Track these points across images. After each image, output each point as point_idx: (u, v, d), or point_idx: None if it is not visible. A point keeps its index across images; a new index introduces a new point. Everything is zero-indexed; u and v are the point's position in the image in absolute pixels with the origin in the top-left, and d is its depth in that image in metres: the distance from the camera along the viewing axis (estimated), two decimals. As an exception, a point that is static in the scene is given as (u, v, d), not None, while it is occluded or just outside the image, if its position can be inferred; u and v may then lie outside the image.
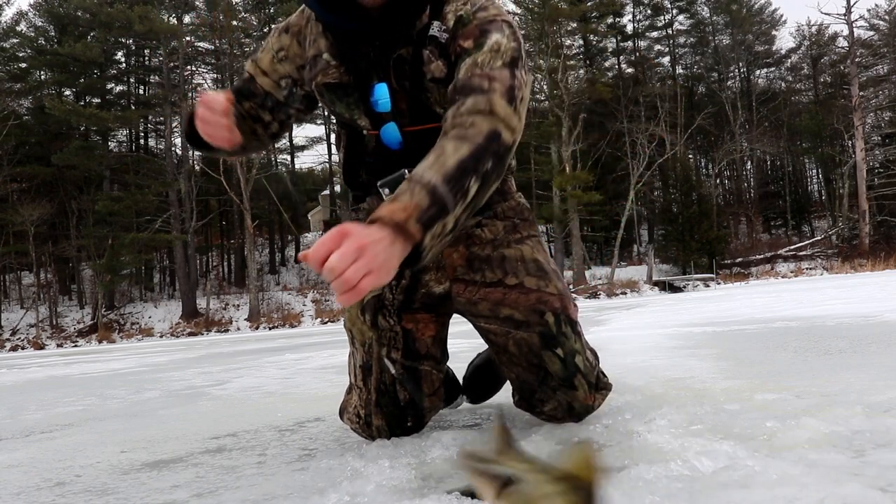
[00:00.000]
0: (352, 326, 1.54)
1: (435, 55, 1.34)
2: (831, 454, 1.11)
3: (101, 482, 1.47)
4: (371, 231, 0.96)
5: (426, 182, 1.05)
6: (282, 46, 1.47)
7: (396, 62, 1.36)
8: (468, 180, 1.09)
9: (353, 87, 1.40)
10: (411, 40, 1.35)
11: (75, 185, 28.93)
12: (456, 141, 1.12)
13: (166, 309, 27.48)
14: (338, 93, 1.41)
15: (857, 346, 2.80)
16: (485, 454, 0.70)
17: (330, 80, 1.41)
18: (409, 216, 1.01)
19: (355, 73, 1.39)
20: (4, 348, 22.44)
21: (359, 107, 1.41)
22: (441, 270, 1.50)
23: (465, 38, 1.29)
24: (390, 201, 1.03)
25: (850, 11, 30.87)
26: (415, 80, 1.36)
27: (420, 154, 1.16)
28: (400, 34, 1.35)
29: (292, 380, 3.53)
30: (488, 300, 1.45)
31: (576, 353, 1.46)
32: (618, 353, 3.37)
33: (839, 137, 34.13)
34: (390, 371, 1.50)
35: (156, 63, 31.96)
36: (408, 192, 1.04)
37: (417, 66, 1.35)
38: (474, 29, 1.29)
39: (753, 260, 28.99)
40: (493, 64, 1.22)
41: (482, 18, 1.30)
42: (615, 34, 37.71)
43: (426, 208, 1.02)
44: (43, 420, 2.72)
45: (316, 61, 1.42)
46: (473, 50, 1.26)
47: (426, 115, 1.39)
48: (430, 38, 1.34)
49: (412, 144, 1.39)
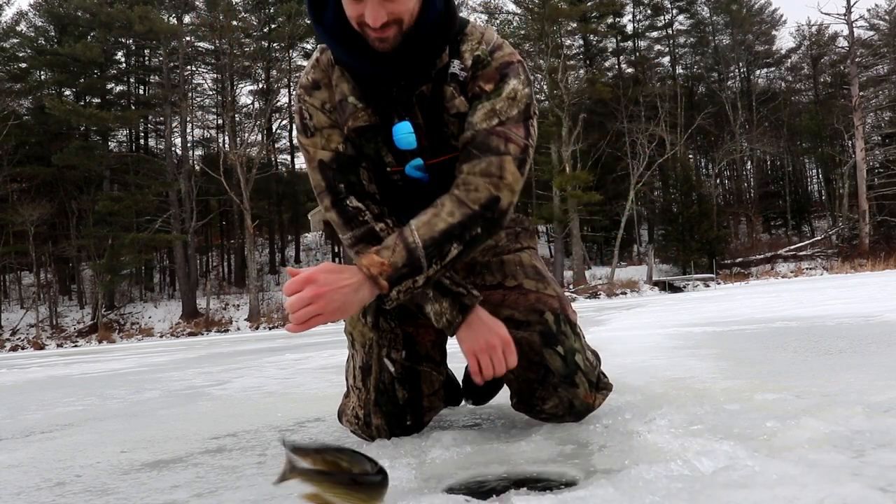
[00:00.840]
0: (352, 329, 1.55)
1: (457, 92, 1.39)
2: (831, 454, 1.11)
3: (101, 482, 1.48)
4: (340, 276, 1.18)
5: (409, 242, 1.24)
6: (323, 101, 1.44)
7: (419, 99, 1.39)
8: (450, 246, 1.27)
9: (380, 127, 1.42)
10: (430, 78, 1.39)
11: (75, 185, 28.93)
12: (454, 203, 1.29)
13: (166, 309, 27.49)
14: (367, 135, 1.43)
15: (857, 346, 2.80)
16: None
17: (361, 124, 1.42)
18: (382, 272, 1.22)
19: (380, 113, 1.41)
20: (4, 348, 22.45)
21: (385, 145, 1.43)
22: None
23: (486, 81, 1.37)
24: (375, 251, 1.23)
25: (850, 11, 30.88)
26: (435, 115, 1.40)
27: (442, 183, 1.36)
28: (421, 73, 1.38)
29: (292, 380, 3.53)
30: (489, 302, 1.47)
31: (576, 352, 1.48)
32: (618, 353, 3.37)
33: (839, 137, 34.14)
34: (390, 370, 1.51)
35: (156, 63, 31.98)
36: (391, 248, 1.24)
37: (438, 102, 1.39)
38: (494, 73, 1.37)
39: (753, 260, 28.99)
40: (510, 113, 1.34)
41: (500, 60, 1.38)
42: (615, 34, 37.72)
43: (400, 268, 1.22)
44: (43, 420, 2.72)
45: (343, 105, 1.42)
46: (492, 94, 1.35)
47: (445, 147, 1.43)
48: (452, 76, 1.39)
49: (435, 176, 1.44)
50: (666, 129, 29.31)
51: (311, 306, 1.15)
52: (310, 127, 1.45)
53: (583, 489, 1.03)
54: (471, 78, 1.38)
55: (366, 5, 1.23)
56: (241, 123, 29.48)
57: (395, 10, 1.25)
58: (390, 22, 1.26)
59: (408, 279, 1.24)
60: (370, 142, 1.43)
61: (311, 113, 1.44)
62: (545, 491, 1.05)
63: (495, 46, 1.40)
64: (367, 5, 1.23)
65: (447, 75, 1.39)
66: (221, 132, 32.20)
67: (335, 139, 1.43)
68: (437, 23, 1.33)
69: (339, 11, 1.31)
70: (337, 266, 1.20)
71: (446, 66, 1.39)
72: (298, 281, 1.16)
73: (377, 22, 1.24)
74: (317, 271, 1.17)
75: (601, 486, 1.02)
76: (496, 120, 1.33)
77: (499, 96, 1.35)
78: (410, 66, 1.35)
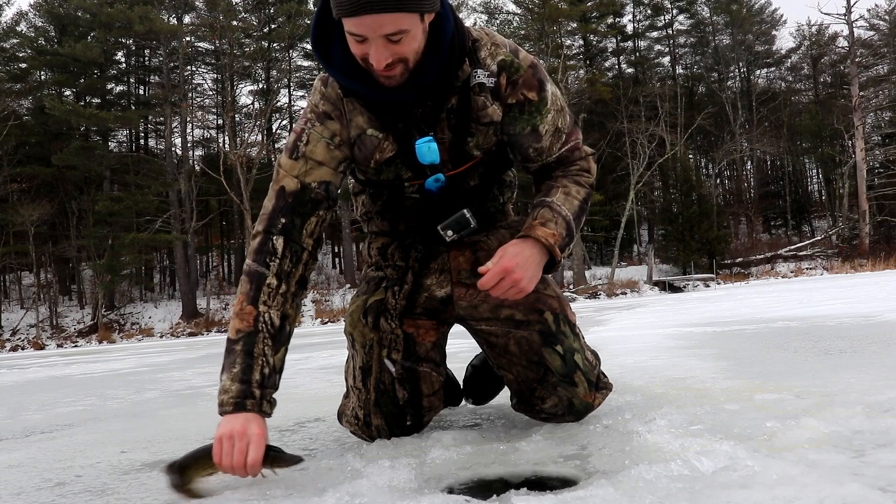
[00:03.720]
0: (352, 330, 1.55)
1: (489, 100, 1.41)
2: (831, 454, 1.11)
3: (101, 482, 1.48)
4: (525, 254, 1.34)
5: (564, 216, 1.41)
6: (333, 132, 1.41)
7: (448, 113, 1.40)
8: (583, 216, 1.48)
9: (402, 151, 1.42)
10: (455, 89, 1.39)
11: (75, 185, 28.91)
12: (576, 185, 1.48)
13: (166, 309, 27.47)
14: (391, 162, 1.44)
15: (857, 346, 2.80)
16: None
17: (388, 156, 1.42)
18: (556, 242, 1.37)
19: (400, 135, 1.41)
20: (5, 348, 22.43)
21: (404, 163, 1.44)
22: (444, 273, 1.53)
23: (527, 89, 1.43)
24: (541, 224, 1.38)
25: (850, 11, 30.86)
26: (462, 126, 1.42)
27: (457, 194, 1.47)
28: (448, 89, 1.38)
29: (292, 380, 3.53)
30: (488, 302, 1.49)
31: (575, 351, 1.49)
32: (618, 353, 3.37)
33: (839, 137, 34.12)
34: (390, 371, 1.51)
35: (156, 63, 31.95)
36: (552, 221, 1.40)
37: (466, 113, 1.40)
38: (531, 79, 1.43)
39: (753, 260, 28.98)
40: (566, 122, 1.49)
41: (527, 62, 1.43)
42: (615, 34, 37.70)
43: (564, 236, 1.40)
44: (43, 420, 2.72)
45: (363, 139, 1.41)
46: (539, 104, 1.44)
47: (464, 157, 1.45)
48: (480, 86, 1.40)
49: (451, 187, 1.46)
50: (666, 129, 29.29)
51: (512, 289, 1.31)
52: (299, 150, 1.41)
53: (583, 489, 1.03)
54: (508, 84, 1.41)
55: (370, 46, 1.22)
56: (241, 123, 29.48)
57: (400, 51, 1.23)
58: (395, 62, 1.24)
59: (569, 244, 1.42)
60: (389, 166, 1.44)
61: (311, 140, 1.41)
62: (545, 491, 1.05)
63: (513, 49, 1.44)
64: (371, 46, 1.22)
65: (472, 86, 1.40)
66: (221, 132, 32.19)
67: (317, 174, 1.39)
68: (454, 39, 1.32)
69: (344, 46, 1.29)
70: (517, 244, 1.35)
71: (468, 77, 1.39)
72: (496, 273, 1.30)
73: (381, 64, 1.23)
74: (506, 258, 1.31)
75: (601, 486, 1.02)
76: (563, 137, 1.48)
77: (546, 107, 1.45)
78: (435, 85, 1.35)
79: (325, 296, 27.37)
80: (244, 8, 31.81)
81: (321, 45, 1.33)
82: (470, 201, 1.49)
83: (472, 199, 1.51)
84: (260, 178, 26.13)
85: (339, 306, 25.01)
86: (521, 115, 1.43)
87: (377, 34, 1.19)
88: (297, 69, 33.48)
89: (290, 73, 32.41)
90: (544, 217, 1.39)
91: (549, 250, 1.36)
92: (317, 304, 26.21)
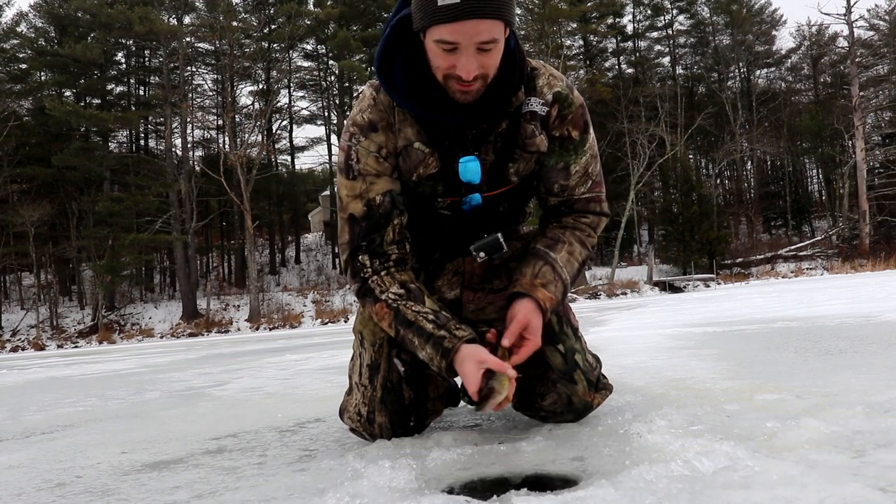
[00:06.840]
0: (363, 328, 1.57)
1: (538, 129, 1.44)
2: (831, 454, 1.11)
3: (101, 483, 1.48)
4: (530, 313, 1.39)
5: (563, 279, 1.46)
6: (380, 145, 1.43)
7: (496, 137, 1.42)
8: (578, 278, 1.52)
9: (445, 168, 1.43)
10: (507, 114, 1.41)
11: (76, 186, 28.93)
12: (580, 246, 1.51)
13: (167, 310, 27.49)
14: (432, 178, 1.45)
15: (857, 346, 2.80)
16: None
17: (431, 171, 1.44)
18: (552, 305, 1.43)
19: (445, 152, 1.43)
20: (5, 349, 22.44)
21: (442, 181, 1.45)
22: (456, 275, 1.57)
23: (573, 126, 1.48)
24: (542, 286, 1.42)
25: (850, 11, 30.87)
26: (506, 151, 1.44)
27: (490, 216, 1.49)
28: (501, 113, 1.41)
29: (293, 380, 3.53)
30: (495, 305, 1.54)
31: (576, 352, 1.52)
32: (618, 354, 3.37)
33: (839, 137, 34.13)
34: (398, 369, 1.52)
35: (156, 64, 31.97)
36: (553, 284, 1.44)
37: (513, 139, 1.43)
38: (580, 118, 1.49)
39: (754, 260, 28.99)
40: (596, 169, 1.53)
41: (578, 102, 1.48)
42: (615, 34, 37.74)
43: (560, 298, 1.45)
44: (44, 421, 2.72)
45: (409, 152, 1.43)
46: (579, 144, 1.49)
47: (500, 182, 1.47)
48: (532, 114, 1.44)
49: (483, 209, 1.48)
50: (666, 129, 29.30)
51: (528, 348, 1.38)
52: (354, 170, 1.44)
53: (583, 489, 1.03)
54: (557, 116, 1.45)
55: (459, 57, 1.24)
56: (241, 124, 29.46)
57: (487, 63, 1.27)
58: (478, 77, 1.27)
59: (559, 305, 1.47)
60: (430, 181, 1.45)
61: (361, 156, 1.43)
62: (545, 491, 1.05)
63: (569, 84, 1.48)
64: (460, 57, 1.24)
65: (524, 113, 1.42)
66: (222, 133, 32.19)
67: (377, 187, 1.43)
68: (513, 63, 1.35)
69: (406, 68, 1.34)
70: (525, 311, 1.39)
71: (521, 104, 1.42)
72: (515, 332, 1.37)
73: (470, 75, 1.26)
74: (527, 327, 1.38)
75: (601, 487, 1.02)
76: (589, 182, 1.52)
77: (584, 148, 1.49)
78: (490, 109, 1.37)
79: (325, 296, 27.37)
80: (244, 8, 31.86)
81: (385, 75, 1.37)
82: (497, 226, 1.51)
83: (501, 223, 1.53)
84: (260, 179, 26.16)
85: (339, 307, 25.01)
86: (559, 150, 1.47)
87: (472, 41, 1.22)
88: (297, 70, 33.51)
89: (290, 74, 32.43)
90: (546, 278, 1.43)
91: (543, 312, 1.41)
92: (317, 305, 26.21)
